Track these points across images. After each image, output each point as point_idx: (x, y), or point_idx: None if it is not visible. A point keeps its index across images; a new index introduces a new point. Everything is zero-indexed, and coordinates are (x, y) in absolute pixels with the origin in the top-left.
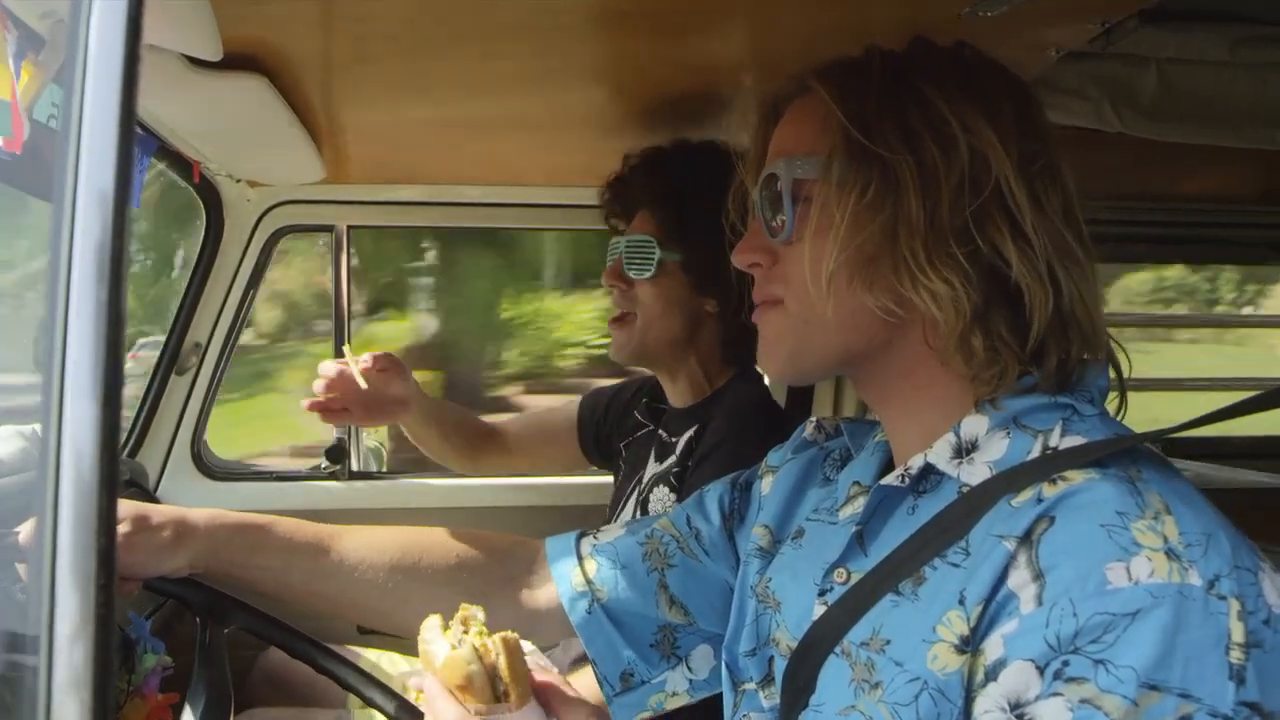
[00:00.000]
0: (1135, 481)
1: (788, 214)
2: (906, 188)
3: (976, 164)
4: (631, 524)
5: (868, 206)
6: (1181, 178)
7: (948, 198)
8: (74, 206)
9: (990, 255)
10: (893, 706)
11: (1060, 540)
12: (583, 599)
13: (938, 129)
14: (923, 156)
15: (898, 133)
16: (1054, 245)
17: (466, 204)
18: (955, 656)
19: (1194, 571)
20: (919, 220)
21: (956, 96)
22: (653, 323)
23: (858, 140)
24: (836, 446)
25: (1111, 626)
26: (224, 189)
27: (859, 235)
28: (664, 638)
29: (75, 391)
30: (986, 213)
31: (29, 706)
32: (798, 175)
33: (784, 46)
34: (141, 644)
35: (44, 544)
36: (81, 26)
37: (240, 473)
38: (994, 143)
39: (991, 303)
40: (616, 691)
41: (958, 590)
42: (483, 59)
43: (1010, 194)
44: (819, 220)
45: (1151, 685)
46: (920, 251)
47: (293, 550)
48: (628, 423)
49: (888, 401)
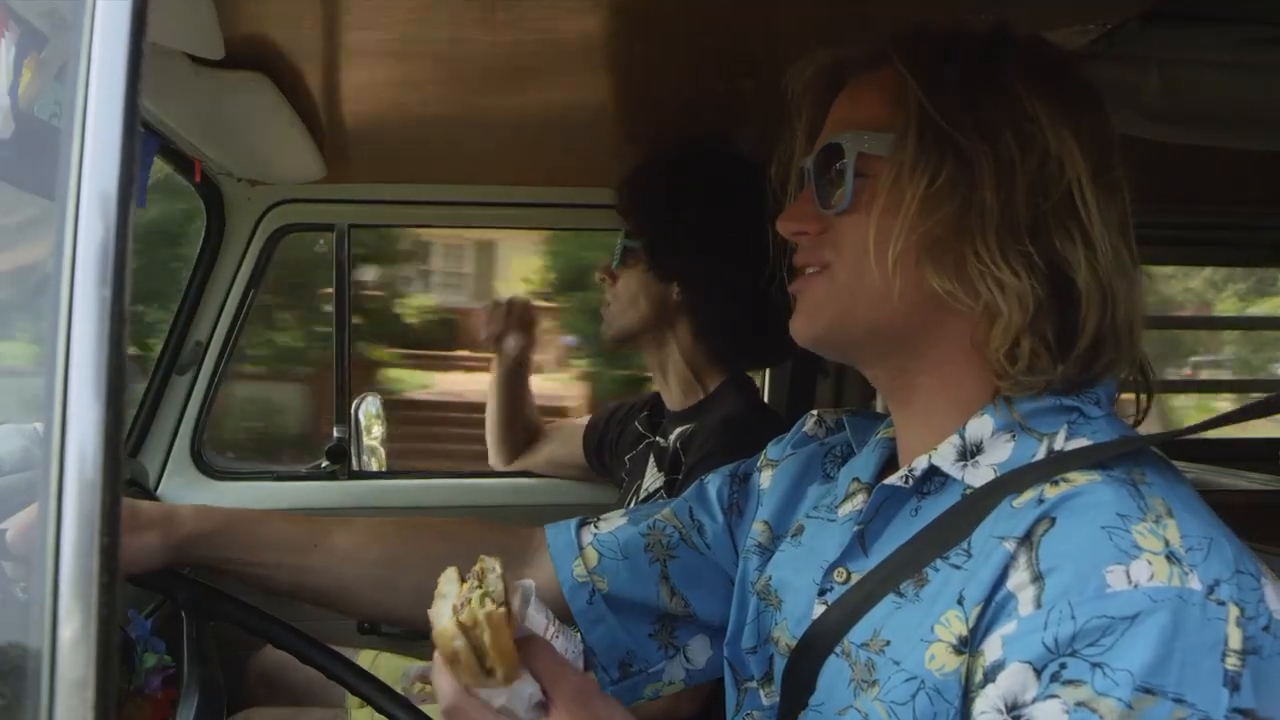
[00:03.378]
0: (1138, 484)
1: (849, 186)
2: (981, 178)
3: (1051, 164)
4: (633, 513)
5: (938, 192)
6: (1183, 180)
7: (1022, 193)
8: (77, 205)
9: (1056, 257)
10: (889, 705)
11: (1060, 542)
12: (583, 588)
13: (1018, 124)
14: (999, 149)
15: (976, 122)
16: (1114, 256)
17: (467, 203)
18: (953, 657)
19: (1194, 576)
20: (992, 211)
21: (1040, 93)
22: (624, 307)
23: (936, 123)
24: (838, 442)
25: (1110, 630)
26: (225, 187)
27: (929, 219)
28: (662, 628)
29: (79, 390)
30: (1057, 214)
31: (31, 706)
32: (865, 150)
33: (783, 47)
34: (142, 643)
35: (47, 543)
36: (85, 24)
37: (240, 472)
38: (1071, 146)
39: (1049, 306)
40: (614, 680)
41: (958, 591)
42: (483, 59)
43: (1081, 199)
44: (887, 198)
45: (1147, 689)
46: (993, 241)
47: (282, 544)
48: (629, 436)
49: (908, 396)
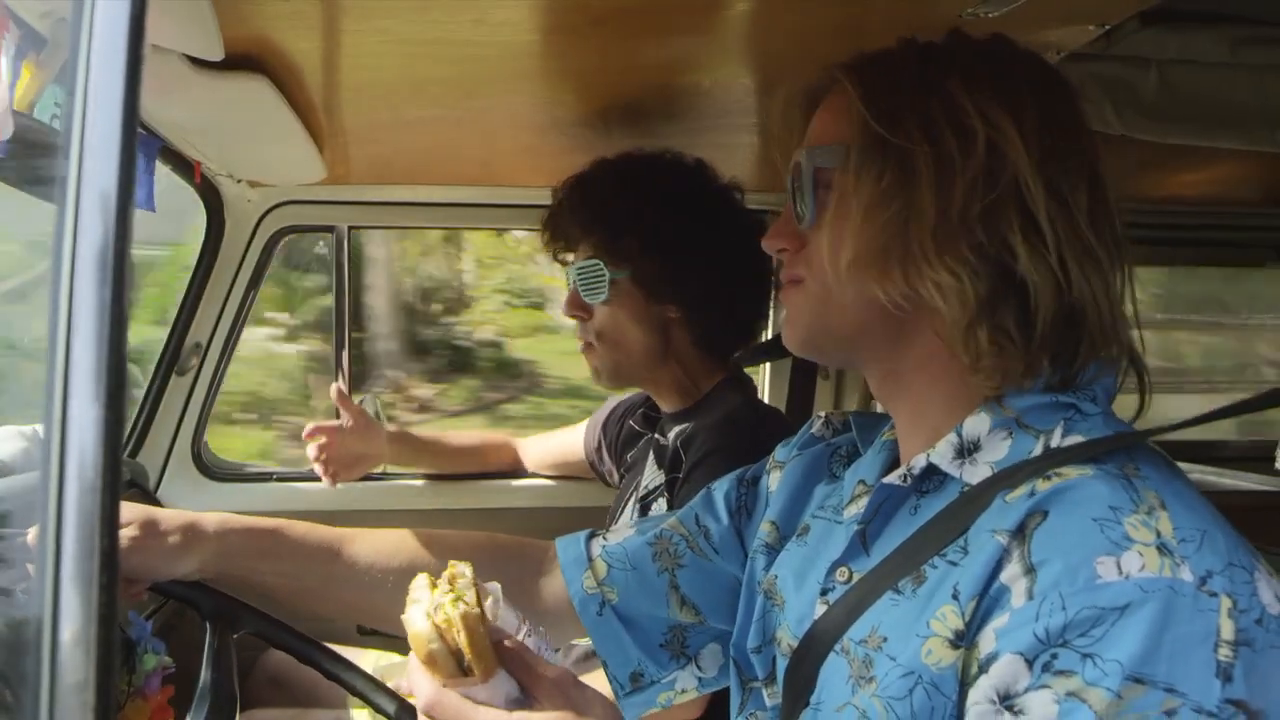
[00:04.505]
0: (1131, 478)
1: (809, 201)
2: (920, 178)
3: (994, 158)
4: (641, 524)
5: (883, 196)
6: (1183, 180)
7: (961, 191)
8: (77, 207)
9: (999, 250)
10: (887, 701)
11: (1052, 534)
12: (593, 601)
13: (957, 121)
14: (940, 148)
15: (918, 124)
16: (1069, 241)
17: (467, 204)
18: (949, 651)
19: (1186, 567)
20: (930, 211)
21: (982, 90)
22: (620, 342)
23: (875, 130)
24: (844, 442)
25: (1100, 620)
26: (225, 189)
27: (873, 224)
28: (674, 638)
29: (78, 392)
30: (1000, 207)
31: (31, 707)
32: (818, 164)
33: (782, 47)
34: (142, 644)
35: (47, 545)
36: (84, 26)
37: (240, 473)
38: (1014, 138)
39: (1000, 297)
40: (626, 691)
41: (953, 586)
42: (483, 60)
43: (1027, 190)
44: (837, 208)
45: (1137, 679)
46: (929, 243)
47: (303, 555)
48: (626, 433)
49: (899, 396)
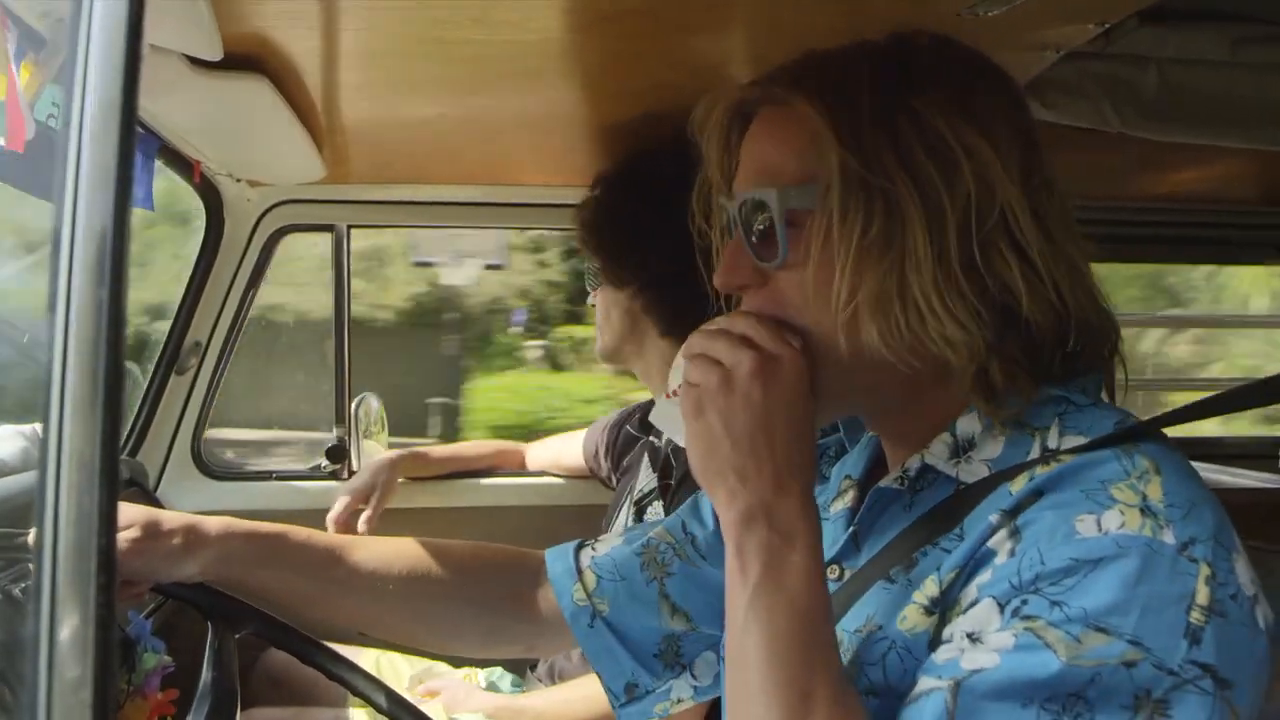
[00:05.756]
0: (1131, 452)
1: (781, 241)
2: (911, 222)
3: (981, 190)
4: (629, 533)
5: (873, 243)
6: (1182, 178)
7: (954, 231)
8: (75, 206)
9: (999, 290)
10: (861, 666)
11: (1041, 507)
12: (584, 613)
13: (939, 153)
14: (925, 187)
15: (896, 157)
16: (1057, 264)
17: (466, 204)
18: (924, 617)
19: (1169, 531)
20: (926, 258)
21: (952, 111)
22: (602, 325)
23: (854, 168)
24: (832, 443)
25: (1073, 571)
26: (224, 188)
27: (865, 274)
28: (668, 647)
29: (76, 391)
30: (992, 243)
31: (30, 706)
32: (793, 206)
33: (782, 46)
34: (142, 643)
35: (44, 544)
36: (82, 26)
37: (240, 472)
38: (995, 164)
39: (1005, 333)
40: (622, 702)
41: (939, 563)
42: (482, 59)
43: (1015, 220)
44: (821, 253)
45: (1100, 628)
46: (931, 293)
47: (304, 562)
48: (624, 437)
49: (882, 421)
